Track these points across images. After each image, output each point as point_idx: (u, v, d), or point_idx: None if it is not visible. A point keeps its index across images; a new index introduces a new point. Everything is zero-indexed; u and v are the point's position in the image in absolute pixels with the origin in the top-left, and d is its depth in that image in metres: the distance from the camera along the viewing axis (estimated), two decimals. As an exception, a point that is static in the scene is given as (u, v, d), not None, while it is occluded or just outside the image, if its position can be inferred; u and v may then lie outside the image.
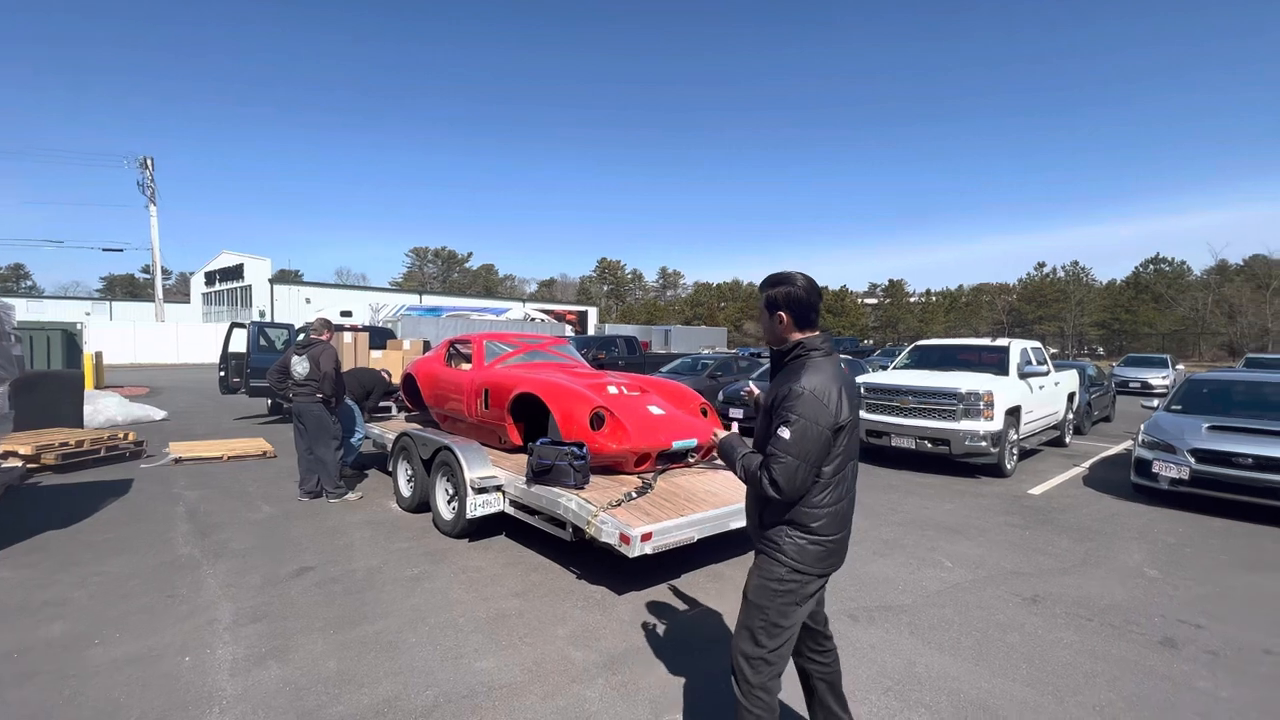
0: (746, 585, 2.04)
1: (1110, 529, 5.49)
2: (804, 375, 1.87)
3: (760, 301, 2.09)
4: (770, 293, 2.03)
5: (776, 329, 2.03)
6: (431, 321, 29.51)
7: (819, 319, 2.03)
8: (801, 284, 1.99)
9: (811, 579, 1.96)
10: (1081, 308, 53.37)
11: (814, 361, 1.92)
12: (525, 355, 6.30)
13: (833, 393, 1.86)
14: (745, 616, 2.01)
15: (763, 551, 2.01)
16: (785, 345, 2.02)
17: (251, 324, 11.60)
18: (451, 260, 77.45)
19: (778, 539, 1.95)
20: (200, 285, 47.76)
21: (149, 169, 33.67)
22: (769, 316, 2.04)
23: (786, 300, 1.99)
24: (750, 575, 2.04)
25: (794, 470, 1.81)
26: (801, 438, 1.81)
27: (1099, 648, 3.29)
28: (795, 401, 1.83)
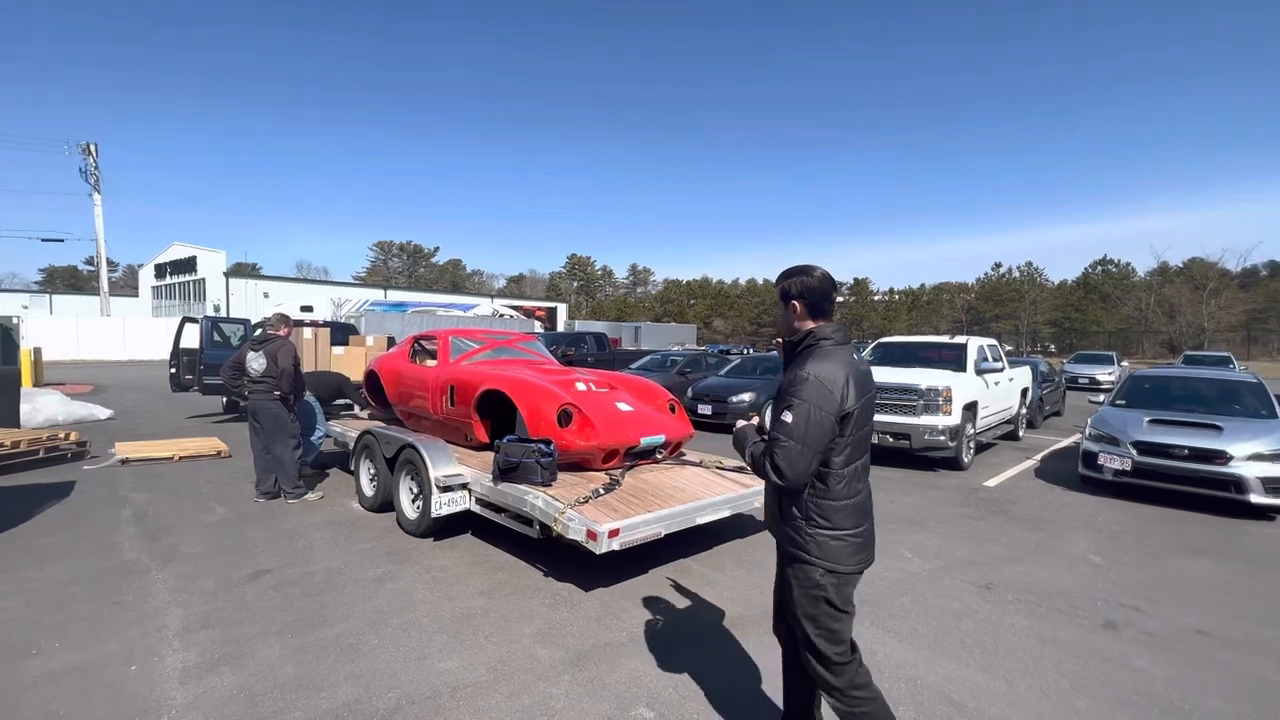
0: (790, 602, 1.99)
1: (1059, 518, 5.74)
2: (810, 361, 1.87)
3: (777, 294, 2.09)
4: (784, 284, 2.04)
5: (790, 319, 2.03)
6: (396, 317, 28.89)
7: (832, 310, 2.03)
8: (816, 274, 2.00)
9: (849, 577, 1.93)
10: (1035, 307, 55.49)
11: (823, 349, 1.91)
12: (492, 352, 6.22)
13: (839, 379, 1.84)
14: (801, 628, 1.98)
15: (792, 557, 1.97)
16: (797, 335, 2.01)
17: (205, 319, 11.16)
18: (417, 255, 75.88)
19: (803, 540, 1.92)
20: (150, 278, 45.69)
21: (93, 155, 32.01)
22: (783, 307, 2.05)
23: (800, 290, 1.99)
24: (788, 589, 2.00)
25: (796, 455, 1.79)
26: (804, 422, 1.79)
27: (1046, 632, 3.44)
28: (800, 386, 1.82)
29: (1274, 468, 5.70)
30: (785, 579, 2.03)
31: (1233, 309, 42.83)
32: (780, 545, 2.04)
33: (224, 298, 37.80)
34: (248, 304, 36.91)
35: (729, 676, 2.91)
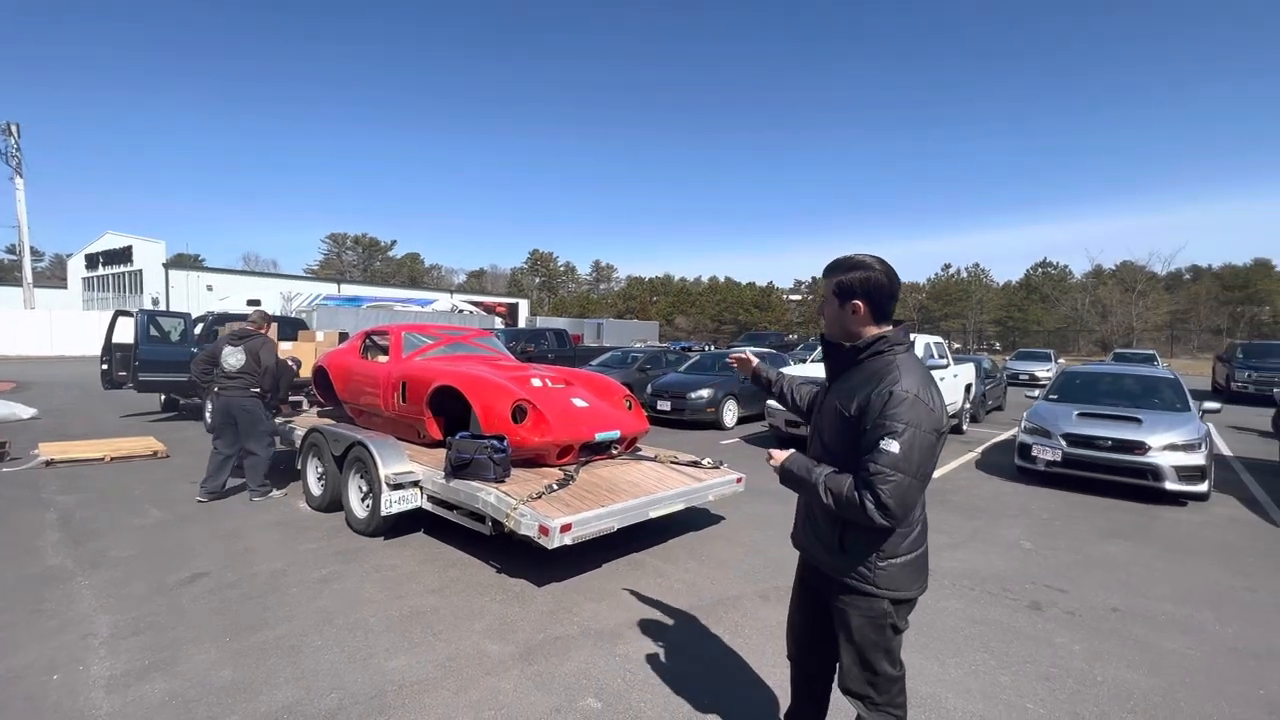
0: (843, 626, 1.79)
1: (996, 507, 6.05)
2: (901, 376, 1.61)
3: (828, 288, 1.79)
4: (843, 278, 1.74)
5: (848, 321, 1.75)
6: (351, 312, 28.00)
7: (894, 312, 1.77)
8: (881, 269, 1.72)
9: (911, 603, 1.76)
10: (981, 306, 57.99)
11: (904, 360, 1.67)
12: (446, 347, 6.12)
13: (934, 394, 1.65)
14: (861, 660, 1.77)
15: (852, 589, 1.74)
16: (859, 340, 1.74)
17: (140, 312, 10.57)
18: (373, 248, 73.63)
19: (870, 573, 1.70)
20: (80, 269, 42.95)
21: (14, 135, 29.87)
22: (839, 305, 1.76)
23: (865, 287, 1.71)
24: (843, 616, 1.78)
25: (906, 489, 1.55)
26: (912, 449, 1.55)
27: (978, 613, 3.63)
28: (900, 407, 1.57)
29: (1186, 457, 6.14)
30: (839, 611, 1.79)
31: (1158, 309, 45.75)
32: (831, 576, 1.80)
33: (163, 290, 35.86)
34: (189, 297, 35.13)
35: (677, 666, 2.97)
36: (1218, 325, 49.35)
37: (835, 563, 1.77)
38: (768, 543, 4.81)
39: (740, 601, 3.71)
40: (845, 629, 1.78)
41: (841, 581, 1.76)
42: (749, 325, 55.35)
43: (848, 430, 1.68)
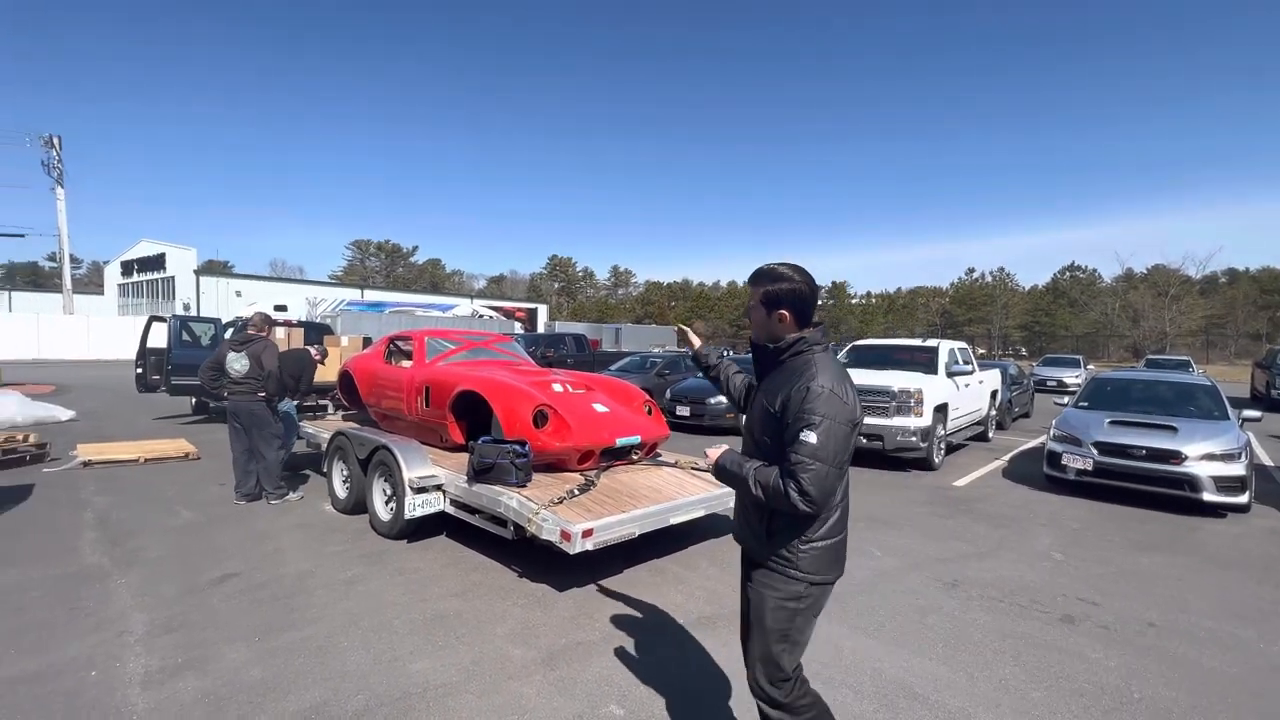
0: (758, 609, 1.89)
1: (1024, 517, 5.91)
2: (818, 373, 1.74)
3: (755, 296, 1.90)
4: (770, 289, 1.87)
5: (774, 327, 1.88)
6: (374, 317, 28.49)
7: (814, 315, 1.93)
8: (802, 280, 1.86)
9: (827, 586, 1.86)
10: (1006, 311, 56.87)
11: (820, 358, 1.81)
12: (468, 353, 6.20)
13: (848, 389, 1.78)
14: (765, 643, 1.87)
15: (772, 569, 1.85)
16: (782, 342, 1.88)
17: (173, 317, 10.90)
18: (396, 254, 74.86)
19: (790, 554, 1.81)
20: (116, 275, 44.37)
21: (56, 148, 31.03)
22: (767, 314, 1.88)
23: (790, 298, 1.85)
24: (760, 597, 1.88)
25: (824, 476, 1.67)
26: (829, 439, 1.67)
27: (1007, 626, 3.55)
28: (816, 401, 1.69)
29: (1225, 467, 5.94)
30: (757, 594, 1.90)
31: (1193, 314, 44.33)
32: (759, 562, 1.91)
33: (194, 296, 36.86)
34: (219, 303, 36.04)
35: (699, 675, 2.96)
36: (1256, 330, 47.72)
37: (762, 549, 1.89)
38: (789, 550, 4.76)
39: (762, 610, 3.67)
40: (760, 613, 1.88)
41: (765, 565, 1.88)
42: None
43: (774, 425, 1.81)
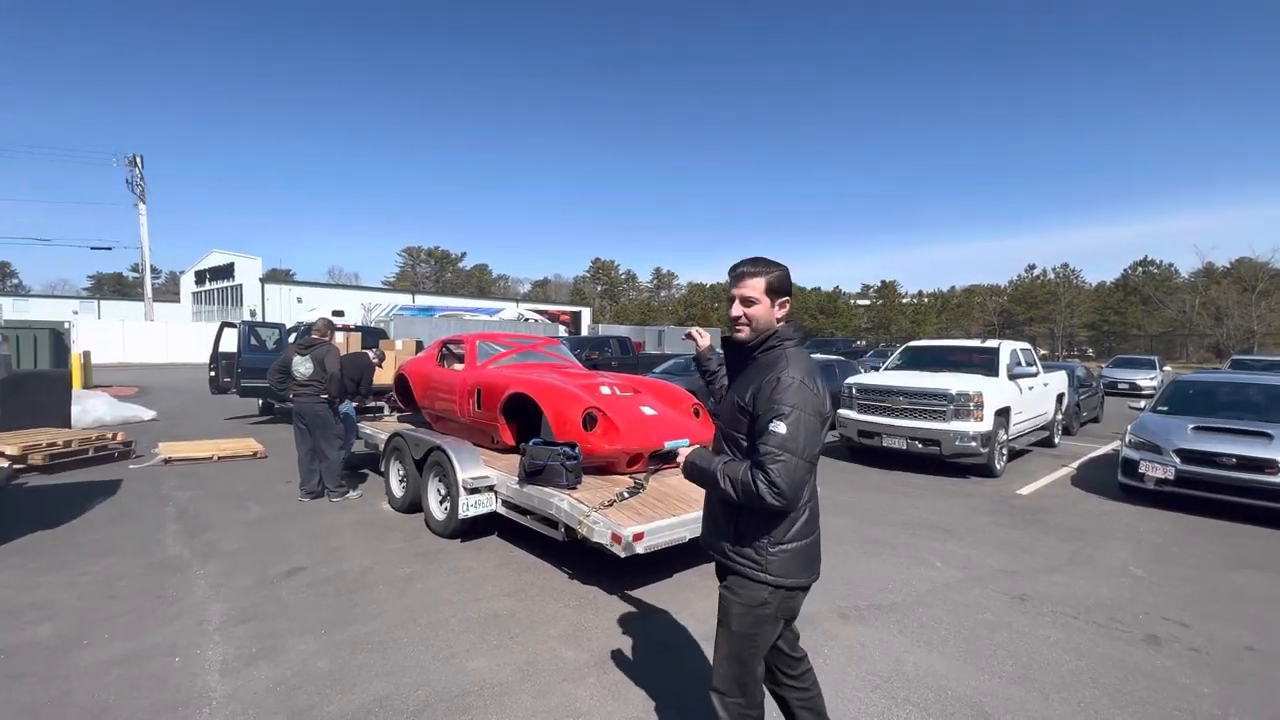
0: (724, 613, 1.85)
1: (1097, 528, 5.56)
2: (789, 365, 1.73)
3: (757, 289, 1.82)
4: (770, 276, 1.82)
5: (773, 316, 1.84)
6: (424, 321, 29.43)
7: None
8: (786, 269, 1.87)
9: (798, 592, 1.82)
10: (1071, 309, 53.90)
11: (792, 352, 1.78)
12: (518, 356, 6.30)
13: (819, 381, 1.76)
14: (729, 646, 1.83)
15: (738, 572, 1.81)
16: (759, 336, 1.85)
17: (242, 323, 11.53)
18: (445, 260, 77.16)
19: (758, 557, 1.77)
20: (190, 284, 47.36)
21: (138, 167, 33.35)
22: (772, 303, 1.83)
23: (788, 284, 1.83)
24: (725, 601, 1.84)
25: (794, 469, 1.62)
26: (799, 430, 1.64)
27: (1084, 645, 3.33)
28: (787, 392, 1.67)
29: (1330, 478, 5.42)
30: (723, 599, 1.86)
31: (1284, 311, 40.93)
32: (729, 568, 1.85)
33: (259, 303, 38.97)
34: (281, 309, 37.98)
35: (754, 683, 2.89)
36: (1358, 328, 43.57)
37: (730, 552, 1.84)
38: (843, 559, 4.63)
39: (817, 619, 3.58)
40: (725, 617, 1.84)
41: (732, 569, 1.83)
42: (814, 331, 53.87)
43: (743, 419, 1.79)
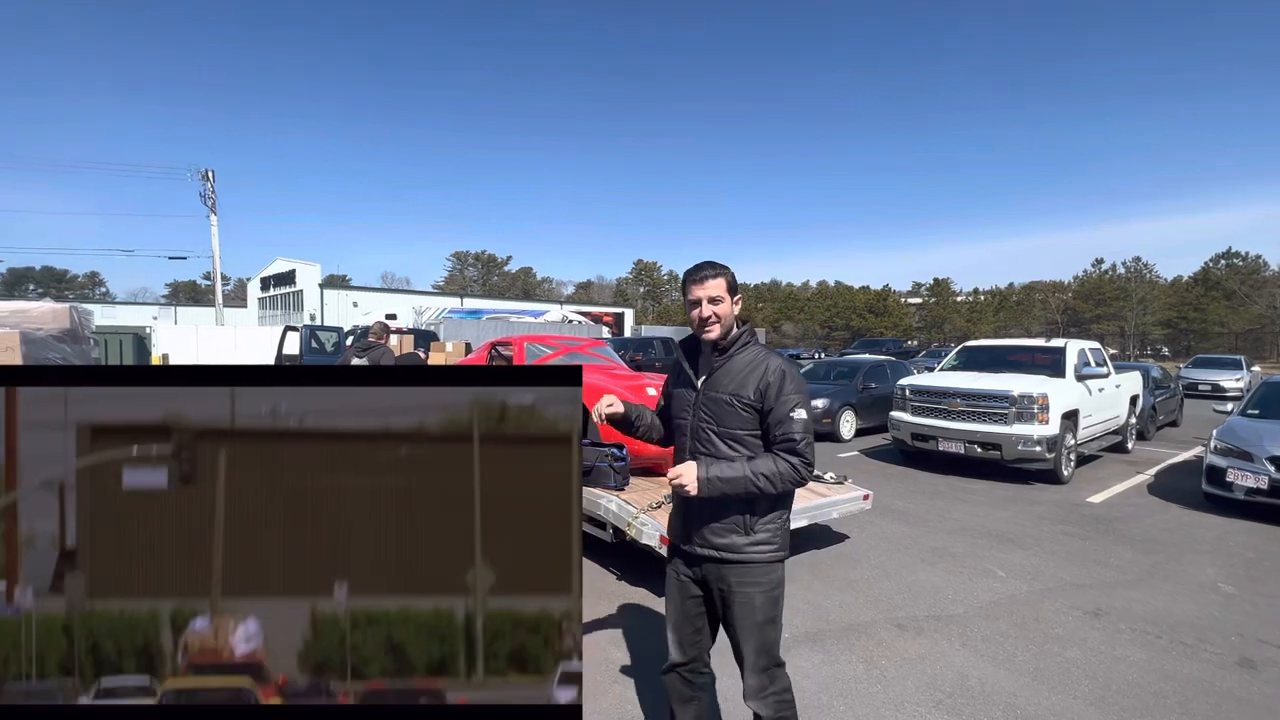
0: (747, 610, 1.86)
1: (1179, 540, 5.18)
2: (776, 359, 1.88)
3: (721, 288, 1.88)
4: (730, 275, 1.91)
5: (733, 313, 1.92)
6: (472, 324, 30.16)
7: None
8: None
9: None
10: (1144, 306, 50.56)
11: (765, 348, 1.93)
12: (564, 357, 6.38)
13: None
14: (760, 638, 1.86)
15: (755, 561, 1.85)
16: (732, 333, 1.92)
17: (304, 327, 12.13)
18: (491, 264, 79.08)
19: (774, 538, 1.87)
20: (256, 290, 50.12)
21: (210, 181, 35.56)
22: (731, 300, 1.90)
23: (736, 283, 1.94)
24: (746, 599, 1.85)
25: (812, 445, 1.84)
26: (809, 413, 1.84)
27: (1169, 667, 3.10)
28: (796, 381, 1.84)
29: None
30: (744, 600, 1.86)
31: (1393, 306, 37.28)
32: (737, 560, 1.86)
33: (319, 308, 40.86)
34: (339, 313, 39.71)
35: (807, 695, 2.82)
36: None
37: (745, 546, 1.86)
38: (898, 566, 4.47)
39: (873, 629, 3.46)
40: (750, 610, 1.85)
41: (746, 561, 1.85)
42: (863, 331, 52.47)
43: (747, 415, 1.84)
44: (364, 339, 6.66)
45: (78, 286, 69.97)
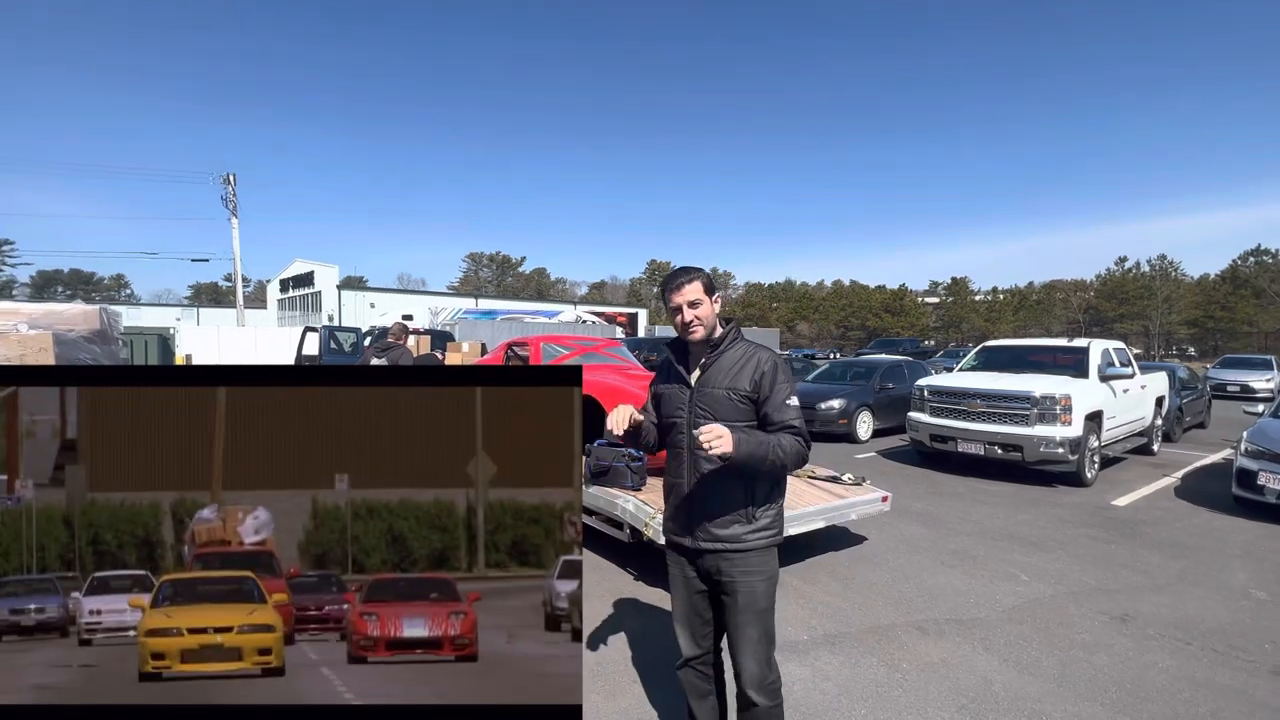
0: (749, 600, 1.89)
1: (1209, 545, 5.06)
2: (758, 349, 1.95)
3: (699, 291, 1.92)
4: (705, 276, 1.97)
5: (715, 312, 1.97)
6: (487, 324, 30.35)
7: None
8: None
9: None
10: (1169, 305, 49.45)
11: (750, 342, 1.99)
12: (580, 357, 6.39)
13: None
14: (760, 626, 1.90)
15: (755, 548, 1.90)
16: (718, 331, 1.99)
17: (323, 328, 12.29)
18: (505, 265, 79.52)
19: (771, 524, 1.94)
20: (275, 292, 50.89)
21: (231, 184, 36.20)
22: (711, 300, 1.95)
23: (713, 283, 1.99)
24: (749, 588, 1.89)
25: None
26: (798, 399, 1.93)
27: (1200, 674, 3.03)
28: (783, 373, 1.91)
29: None
30: (745, 589, 1.90)
31: None
32: (736, 550, 1.90)
33: (337, 308, 41.40)
34: (356, 313, 40.19)
35: (827, 699, 2.80)
36: None
37: (746, 534, 1.91)
38: (917, 568, 4.42)
39: (894, 632, 3.42)
40: (751, 601, 1.90)
41: (747, 549, 1.90)
42: (879, 331, 51.94)
43: (745, 406, 1.90)
44: (382, 339, 6.74)
45: (104, 289, 71.58)
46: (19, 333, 4.92)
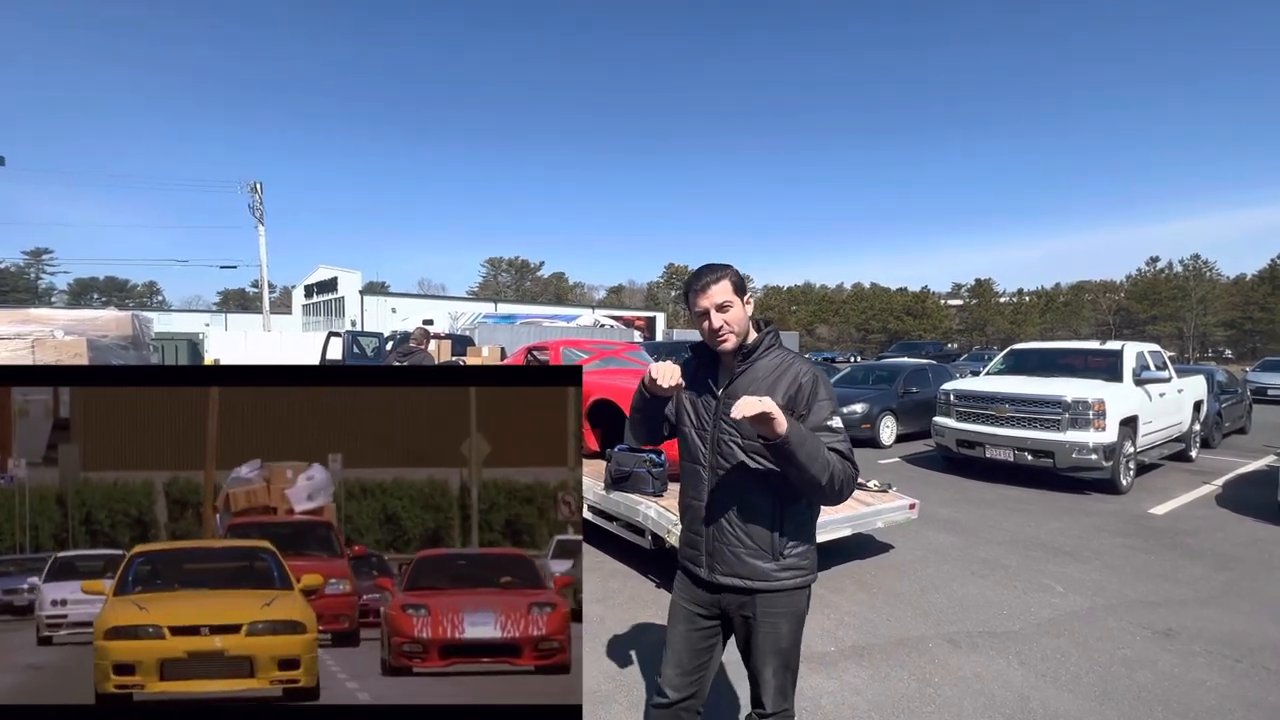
0: (774, 640, 1.69)
1: (1255, 556, 4.84)
2: (796, 360, 1.73)
3: (725, 292, 1.67)
4: (732, 273, 1.71)
5: (747, 315, 1.73)
6: (506, 329, 30.63)
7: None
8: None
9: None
10: (1204, 306, 47.94)
11: (788, 350, 1.77)
12: (600, 361, 6.37)
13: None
14: (779, 661, 1.70)
15: (782, 588, 1.67)
16: (751, 337, 1.73)
17: (346, 333, 12.47)
18: (524, 269, 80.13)
19: (803, 561, 1.69)
20: (300, 297, 51.91)
21: (258, 193, 37.05)
22: (742, 301, 1.70)
23: (743, 281, 1.74)
24: (774, 629, 1.68)
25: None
26: (842, 419, 1.70)
27: (1252, 694, 2.88)
28: (825, 388, 1.67)
29: None
30: (769, 628, 1.68)
31: None
32: (757, 590, 1.67)
33: (359, 313, 42.06)
34: (379, 318, 40.79)
35: (870, 709, 2.72)
36: None
37: (775, 572, 1.67)
38: (946, 578, 4.30)
39: (925, 645, 3.33)
40: (773, 644, 1.70)
41: (776, 589, 1.67)
42: (901, 334, 51.19)
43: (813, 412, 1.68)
44: (404, 344, 6.80)
45: (137, 295, 73.76)
46: (55, 339, 5.05)
